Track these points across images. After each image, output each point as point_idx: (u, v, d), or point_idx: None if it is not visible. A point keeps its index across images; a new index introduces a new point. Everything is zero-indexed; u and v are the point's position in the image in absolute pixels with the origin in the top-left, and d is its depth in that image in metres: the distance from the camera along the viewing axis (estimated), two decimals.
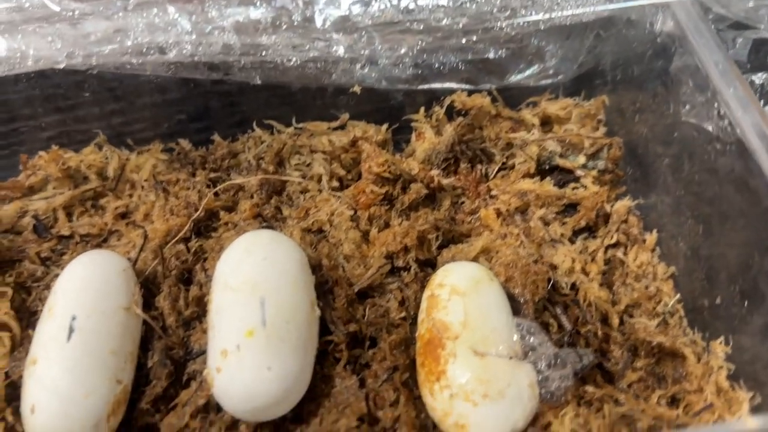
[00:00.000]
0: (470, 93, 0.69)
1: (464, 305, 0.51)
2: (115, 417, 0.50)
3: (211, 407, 0.53)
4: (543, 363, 0.51)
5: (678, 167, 0.58)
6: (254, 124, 0.70)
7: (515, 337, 0.51)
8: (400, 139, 0.73)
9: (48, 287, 0.60)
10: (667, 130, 0.59)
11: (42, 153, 0.67)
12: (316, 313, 0.53)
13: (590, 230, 0.63)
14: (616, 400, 0.51)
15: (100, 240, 0.64)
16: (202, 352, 0.55)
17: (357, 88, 0.66)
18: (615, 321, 0.57)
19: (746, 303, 0.48)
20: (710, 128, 0.53)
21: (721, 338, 0.52)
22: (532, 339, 0.52)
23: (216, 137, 0.69)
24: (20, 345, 0.57)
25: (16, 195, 0.65)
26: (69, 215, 0.65)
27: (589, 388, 0.51)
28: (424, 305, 0.54)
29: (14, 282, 0.60)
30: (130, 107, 0.67)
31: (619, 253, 0.61)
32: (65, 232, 0.64)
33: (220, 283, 0.52)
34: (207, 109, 0.68)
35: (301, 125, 0.71)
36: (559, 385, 0.51)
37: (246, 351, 0.48)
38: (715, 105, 0.53)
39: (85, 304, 0.52)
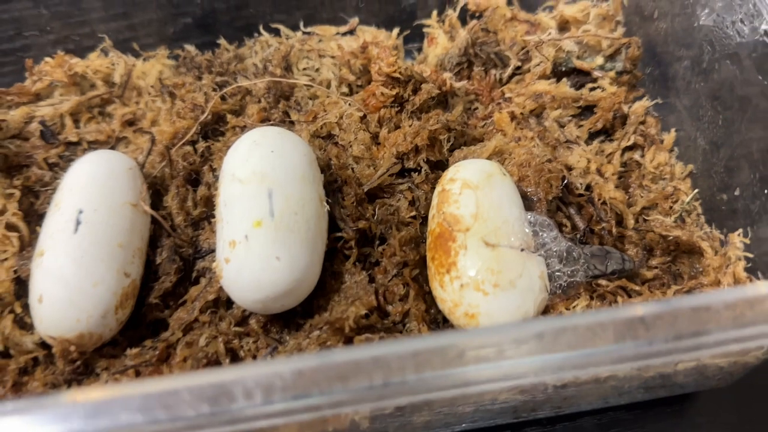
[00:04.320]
0: None
1: (476, 198, 0.50)
2: (123, 309, 0.50)
3: (220, 303, 0.53)
4: (555, 258, 0.50)
5: (699, 64, 0.56)
6: (260, 28, 0.68)
7: (527, 230, 0.50)
8: (411, 48, 0.71)
9: (55, 192, 0.59)
10: (687, 30, 0.57)
11: (48, 59, 0.66)
12: (324, 208, 0.52)
13: (607, 133, 0.61)
14: (629, 293, 0.50)
15: (107, 147, 0.63)
16: (211, 251, 0.55)
17: None
18: (630, 222, 0.56)
19: (766, 190, 0.47)
20: (734, 22, 0.51)
21: (740, 231, 0.51)
22: (544, 234, 0.51)
23: (222, 41, 0.68)
24: (29, 245, 0.56)
25: (23, 101, 0.64)
26: (76, 122, 0.65)
27: (602, 281, 0.50)
28: (434, 201, 0.53)
29: (22, 186, 0.59)
30: (134, 10, 0.65)
31: (636, 156, 0.59)
32: (72, 138, 0.64)
33: (227, 176, 0.51)
34: (212, 13, 0.67)
35: (309, 29, 0.69)
36: (570, 280, 0.50)
37: (254, 241, 0.47)
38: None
39: (91, 198, 0.52)
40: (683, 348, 0.33)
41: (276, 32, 0.68)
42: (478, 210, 0.49)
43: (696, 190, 0.55)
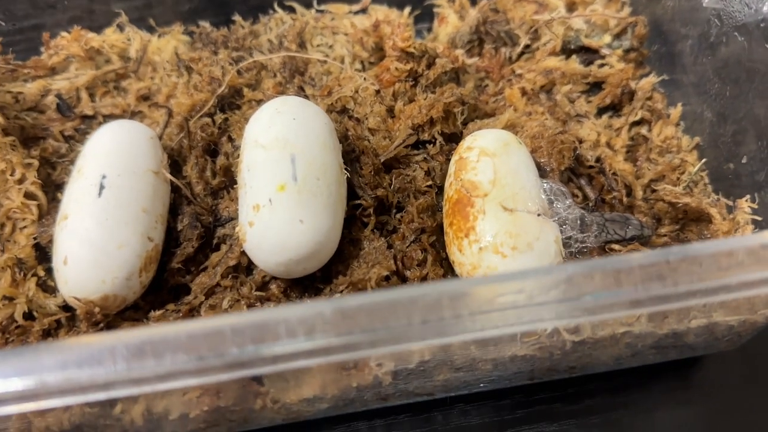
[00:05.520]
0: None
1: (493, 165, 0.51)
2: (146, 273, 0.51)
3: (241, 269, 0.54)
4: (568, 225, 0.52)
5: (706, 38, 0.57)
6: (275, 5, 0.69)
7: (543, 196, 0.52)
8: (421, 27, 0.72)
9: (72, 163, 0.60)
10: (695, 6, 0.59)
11: (64, 33, 0.66)
12: (344, 175, 0.53)
13: (615, 108, 0.63)
14: None
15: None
16: (231, 219, 0.56)
17: None
18: (639, 193, 0.57)
19: None
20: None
21: (747, 197, 0.52)
22: (558, 202, 0.52)
23: (237, 18, 0.69)
24: (47, 214, 0.57)
25: (39, 74, 0.65)
26: (91, 95, 0.65)
27: (616, 246, 0.52)
28: (451, 169, 0.54)
29: (39, 156, 0.60)
30: None
31: (644, 130, 0.61)
32: (88, 111, 0.64)
33: (250, 142, 0.52)
34: None
35: (322, 7, 0.70)
36: (582, 246, 0.51)
37: (278, 204, 0.48)
38: None
39: (114, 164, 0.52)
40: (706, 290, 0.34)
41: (290, 9, 0.70)
42: (496, 176, 0.51)
43: (703, 160, 0.57)
